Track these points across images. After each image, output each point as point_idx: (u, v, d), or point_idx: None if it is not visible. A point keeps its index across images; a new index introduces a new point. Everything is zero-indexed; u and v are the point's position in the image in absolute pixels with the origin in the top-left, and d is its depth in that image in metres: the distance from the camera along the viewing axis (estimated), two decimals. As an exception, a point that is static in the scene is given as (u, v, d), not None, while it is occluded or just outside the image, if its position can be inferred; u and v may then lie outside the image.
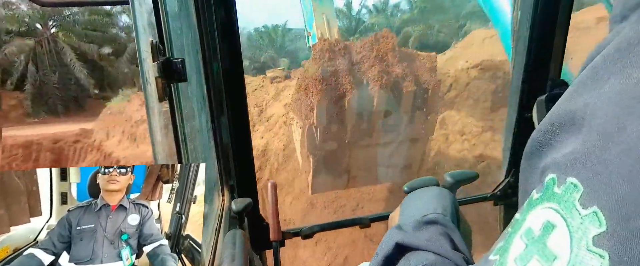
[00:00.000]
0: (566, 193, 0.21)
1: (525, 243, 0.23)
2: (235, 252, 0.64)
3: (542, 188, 0.24)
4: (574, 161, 0.22)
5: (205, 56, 0.80)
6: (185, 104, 0.72)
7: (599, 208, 0.19)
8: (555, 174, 0.23)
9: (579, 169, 0.21)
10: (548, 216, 0.22)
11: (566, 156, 0.23)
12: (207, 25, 0.78)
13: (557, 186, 0.22)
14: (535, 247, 0.22)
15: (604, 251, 0.19)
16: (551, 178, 0.23)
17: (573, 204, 0.21)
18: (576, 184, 0.21)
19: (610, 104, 0.21)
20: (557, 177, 0.23)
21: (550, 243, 0.21)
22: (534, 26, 0.99)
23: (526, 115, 1.07)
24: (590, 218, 0.20)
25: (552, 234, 0.21)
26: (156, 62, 0.58)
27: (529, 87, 1.05)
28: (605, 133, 0.21)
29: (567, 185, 0.22)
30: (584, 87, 0.24)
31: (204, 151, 0.88)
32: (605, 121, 0.21)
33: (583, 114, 0.23)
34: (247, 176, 0.94)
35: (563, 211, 0.21)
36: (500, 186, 1.18)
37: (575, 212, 0.20)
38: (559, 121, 0.25)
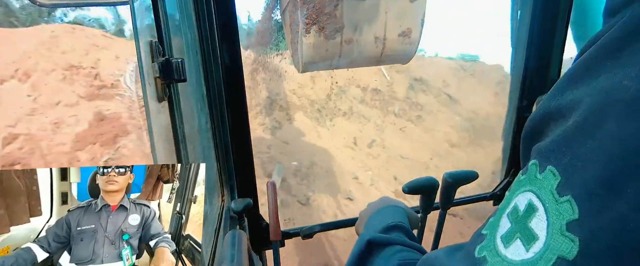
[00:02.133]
0: (545, 180, 0.23)
1: (511, 222, 0.25)
2: (235, 252, 0.64)
3: (526, 172, 0.25)
4: (554, 151, 0.24)
5: (205, 56, 0.80)
6: (184, 105, 0.72)
7: (573, 198, 0.21)
8: (537, 160, 0.25)
9: (558, 158, 0.23)
10: (530, 199, 0.24)
11: (548, 145, 0.24)
12: (207, 25, 0.78)
13: (538, 171, 0.24)
14: (518, 227, 0.24)
15: (575, 236, 0.20)
16: (533, 163, 0.25)
17: (551, 191, 0.22)
18: (554, 173, 0.23)
19: (594, 101, 0.22)
20: (538, 163, 0.24)
21: (532, 224, 0.23)
22: (534, 26, 0.99)
23: (526, 115, 1.07)
24: (565, 206, 0.21)
25: (533, 216, 0.23)
26: (155, 62, 0.58)
27: (529, 87, 1.06)
28: (585, 127, 0.22)
29: (546, 173, 0.23)
30: (575, 81, 0.25)
31: (203, 151, 0.88)
32: (587, 116, 0.22)
33: (570, 107, 0.24)
34: (247, 176, 0.94)
35: (542, 196, 0.23)
36: (500, 185, 1.18)
37: (552, 198, 0.22)
38: (549, 111, 0.27)
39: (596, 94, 0.22)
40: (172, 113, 0.66)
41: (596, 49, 0.24)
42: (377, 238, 0.51)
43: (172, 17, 0.68)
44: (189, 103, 0.80)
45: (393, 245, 0.50)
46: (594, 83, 0.23)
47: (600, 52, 0.24)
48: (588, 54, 0.25)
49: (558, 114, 0.25)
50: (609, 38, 0.24)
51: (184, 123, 0.70)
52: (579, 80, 0.25)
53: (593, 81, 0.23)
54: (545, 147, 0.25)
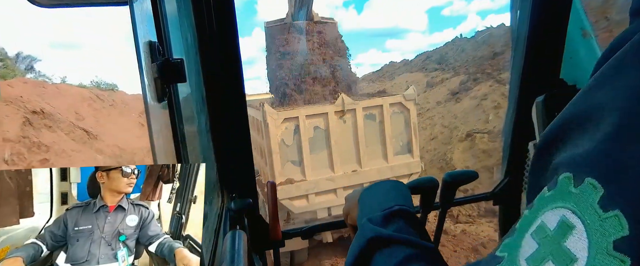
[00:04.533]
0: (584, 194, 0.21)
1: (537, 242, 0.22)
2: (235, 252, 0.64)
3: (554, 186, 0.23)
4: (592, 161, 0.21)
5: (205, 56, 0.80)
6: (184, 105, 0.72)
7: (621, 212, 0.19)
8: (570, 172, 0.22)
9: (599, 169, 0.20)
10: (563, 215, 0.21)
11: (584, 155, 0.22)
12: (206, 26, 0.78)
13: (573, 185, 0.21)
14: (549, 248, 0.21)
15: (625, 256, 0.18)
16: (566, 176, 0.22)
17: (592, 205, 0.20)
18: (595, 185, 0.20)
19: (630, 102, 0.21)
20: (573, 176, 0.22)
21: (568, 244, 0.20)
22: (533, 26, 0.99)
23: (525, 115, 1.06)
24: (611, 222, 0.19)
25: (569, 235, 0.20)
26: (155, 62, 0.58)
27: (529, 87, 1.05)
28: (623, 132, 0.20)
29: (584, 185, 0.21)
30: (604, 84, 0.23)
31: (203, 151, 0.89)
32: (624, 119, 0.20)
33: (601, 111, 0.22)
34: (247, 176, 0.94)
35: (580, 212, 0.20)
36: (500, 185, 1.18)
37: (594, 214, 0.20)
38: (575, 117, 0.24)
39: (630, 94, 0.21)
40: (172, 113, 0.66)
41: (626, 50, 0.23)
42: (379, 235, 0.46)
43: (172, 17, 0.68)
44: (189, 103, 0.80)
45: (397, 244, 0.46)
46: (626, 83, 0.21)
47: (630, 52, 0.22)
48: (617, 56, 0.23)
49: (586, 118, 0.23)
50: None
51: (183, 123, 0.70)
52: (608, 82, 0.23)
53: (624, 81, 0.22)
54: (578, 157, 0.22)
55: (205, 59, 0.80)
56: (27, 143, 5.61)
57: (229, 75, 0.83)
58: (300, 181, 4.58)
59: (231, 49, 0.81)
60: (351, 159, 4.71)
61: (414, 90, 4.93)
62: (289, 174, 4.58)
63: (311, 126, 4.56)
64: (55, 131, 6.24)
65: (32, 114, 6.19)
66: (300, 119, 4.47)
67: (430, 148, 9.71)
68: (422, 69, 18.39)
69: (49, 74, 8.49)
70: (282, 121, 4.43)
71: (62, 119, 6.56)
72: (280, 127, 4.44)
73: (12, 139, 5.42)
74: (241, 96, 0.86)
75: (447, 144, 9.14)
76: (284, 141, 4.49)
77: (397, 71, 21.54)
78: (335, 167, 4.65)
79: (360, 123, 4.64)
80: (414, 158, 4.89)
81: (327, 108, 4.58)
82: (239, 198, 0.90)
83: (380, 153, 4.81)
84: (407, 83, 14.08)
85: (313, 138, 4.59)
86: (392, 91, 6.08)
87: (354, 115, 4.62)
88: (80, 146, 6.38)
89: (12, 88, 6.95)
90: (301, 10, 6.05)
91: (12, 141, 5.39)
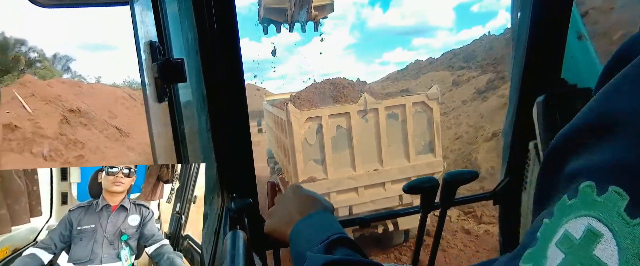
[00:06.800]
0: (609, 202, 0.20)
1: (564, 252, 0.22)
2: (236, 252, 0.64)
3: (576, 195, 0.22)
4: (617, 168, 0.21)
5: (205, 56, 0.80)
6: (184, 105, 0.72)
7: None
8: (592, 181, 0.22)
9: (624, 176, 0.20)
10: (589, 224, 0.21)
11: (606, 163, 0.22)
12: (207, 25, 0.78)
13: (596, 194, 0.21)
14: (577, 257, 0.21)
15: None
16: (588, 184, 0.22)
17: (618, 213, 0.20)
18: (620, 193, 0.20)
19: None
20: (596, 184, 0.21)
21: (596, 252, 0.20)
22: (533, 26, 0.99)
23: (526, 115, 1.07)
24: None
25: (598, 243, 0.20)
26: (155, 62, 0.58)
27: (529, 87, 1.05)
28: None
29: (609, 194, 0.20)
30: (622, 90, 0.23)
31: (203, 151, 0.88)
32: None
33: (622, 119, 0.22)
34: (247, 176, 0.94)
35: (606, 220, 0.20)
36: (501, 185, 1.18)
37: (621, 221, 0.19)
38: (591, 124, 0.24)
39: None
40: (172, 113, 0.66)
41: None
42: (330, 261, 0.46)
43: (172, 17, 0.68)
44: (189, 103, 0.80)
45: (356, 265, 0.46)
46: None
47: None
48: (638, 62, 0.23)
49: (606, 124, 0.23)
50: None
51: (184, 123, 0.70)
52: (627, 88, 0.22)
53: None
54: (600, 165, 0.22)
55: (205, 59, 0.80)
56: (64, 139, 5.79)
57: (229, 75, 0.83)
58: (322, 179, 4.61)
59: (232, 49, 0.81)
60: (373, 158, 4.72)
61: (438, 89, 4.92)
62: (311, 173, 4.61)
63: (334, 125, 4.57)
64: (90, 128, 6.41)
65: (69, 112, 6.40)
66: (323, 118, 4.50)
67: (455, 147, 9.58)
68: (449, 68, 18.23)
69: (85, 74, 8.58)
70: (305, 120, 4.46)
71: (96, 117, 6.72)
72: (303, 126, 4.47)
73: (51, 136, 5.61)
74: (241, 96, 0.86)
75: (472, 144, 9.02)
76: (307, 140, 4.52)
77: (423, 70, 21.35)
78: (357, 166, 4.66)
79: (382, 122, 4.64)
80: (436, 158, 4.88)
81: (350, 108, 4.59)
82: (239, 198, 0.90)
83: (402, 152, 4.81)
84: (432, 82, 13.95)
85: (335, 137, 4.60)
86: (417, 90, 6.05)
87: (376, 114, 4.62)
88: (113, 143, 6.47)
89: (52, 88, 7.23)
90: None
91: (51, 138, 5.57)
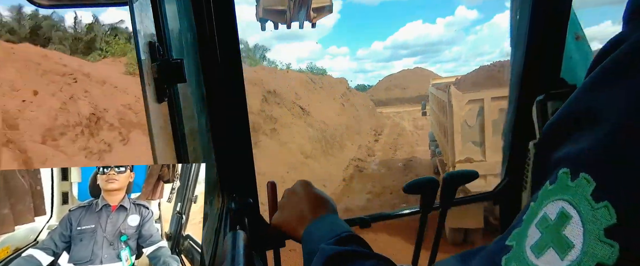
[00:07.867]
0: (579, 187, 0.23)
1: (540, 231, 0.24)
2: (236, 252, 0.64)
3: (555, 180, 0.25)
4: (589, 157, 0.23)
5: (205, 57, 0.80)
6: (184, 105, 0.72)
7: (609, 202, 0.21)
8: (568, 168, 0.24)
9: (593, 165, 0.23)
10: (562, 207, 0.23)
11: (581, 152, 0.24)
12: (206, 26, 0.78)
13: (570, 179, 0.24)
14: (550, 236, 0.23)
15: (614, 242, 0.20)
16: (564, 171, 0.24)
17: (585, 197, 0.22)
18: (588, 179, 0.22)
19: (630, 101, 0.22)
20: (570, 171, 0.24)
21: (566, 232, 0.22)
22: (533, 26, 0.99)
23: (526, 115, 1.07)
24: (602, 212, 0.21)
25: (567, 224, 0.23)
26: (155, 63, 0.58)
27: (529, 87, 1.06)
28: (621, 132, 0.22)
29: (579, 180, 0.23)
30: (602, 84, 0.25)
31: (203, 151, 0.89)
32: (623, 120, 0.22)
33: (600, 111, 0.24)
34: (247, 176, 0.94)
35: (576, 204, 0.22)
36: (501, 184, 1.18)
37: (587, 205, 0.22)
38: (574, 116, 0.26)
39: (632, 93, 0.22)
40: (172, 113, 0.66)
41: (628, 49, 0.24)
42: (339, 251, 0.48)
43: (172, 17, 0.68)
44: (189, 103, 0.80)
45: (359, 256, 0.47)
46: (629, 82, 0.23)
47: (633, 51, 0.23)
48: (618, 55, 0.24)
49: (583, 118, 0.25)
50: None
51: (184, 123, 0.70)
52: (607, 83, 0.24)
53: (627, 80, 0.23)
54: (575, 154, 0.24)
55: (205, 59, 0.80)
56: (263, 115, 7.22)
57: (229, 75, 0.83)
58: (479, 161, 4.62)
59: (231, 49, 0.81)
60: (535, 143, 4.76)
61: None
62: (468, 154, 4.64)
63: (496, 108, 4.51)
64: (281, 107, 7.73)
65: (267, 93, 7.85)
66: (485, 101, 4.48)
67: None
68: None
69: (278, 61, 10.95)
70: (466, 102, 4.49)
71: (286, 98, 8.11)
72: (464, 108, 4.51)
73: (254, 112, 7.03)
74: (241, 96, 0.86)
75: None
76: (467, 122, 4.55)
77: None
78: (518, 151, 4.70)
79: (549, 107, 4.68)
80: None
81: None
82: (239, 198, 0.90)
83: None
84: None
85: (497, 120, 4.54)
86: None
87: (543, 98, 4.66)
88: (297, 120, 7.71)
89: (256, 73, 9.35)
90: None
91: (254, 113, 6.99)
